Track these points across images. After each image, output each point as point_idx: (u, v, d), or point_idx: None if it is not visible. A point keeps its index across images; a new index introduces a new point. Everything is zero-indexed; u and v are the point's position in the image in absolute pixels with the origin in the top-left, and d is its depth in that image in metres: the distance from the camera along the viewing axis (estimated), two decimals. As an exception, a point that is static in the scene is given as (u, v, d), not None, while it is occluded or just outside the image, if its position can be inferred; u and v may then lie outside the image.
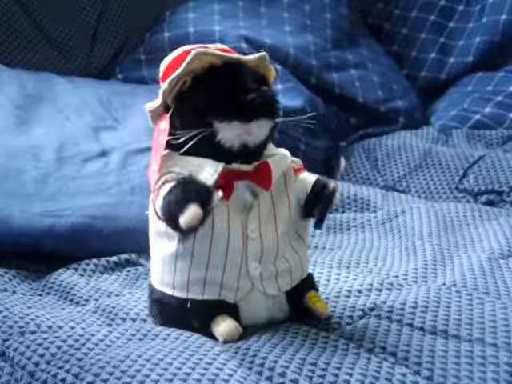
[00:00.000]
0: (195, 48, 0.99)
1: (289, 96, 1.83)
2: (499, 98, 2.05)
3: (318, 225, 1.02)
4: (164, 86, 0.99)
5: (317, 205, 1.01)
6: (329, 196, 1.01)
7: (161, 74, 1.03)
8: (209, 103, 0.96)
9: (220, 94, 0.96)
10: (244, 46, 1.94)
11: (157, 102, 1.01)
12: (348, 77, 2.09)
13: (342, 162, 1.04)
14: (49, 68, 1.91)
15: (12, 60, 1.91)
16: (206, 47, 1.00)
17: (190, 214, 0.93)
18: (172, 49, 1.04)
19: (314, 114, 1.02)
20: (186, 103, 0.99)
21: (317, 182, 1.02)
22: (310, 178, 1.04)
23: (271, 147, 1.03)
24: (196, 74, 0.98)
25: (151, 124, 1.03)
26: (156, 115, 1.02)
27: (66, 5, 2.04)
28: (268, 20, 2.10)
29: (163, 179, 0.98)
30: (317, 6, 2.18)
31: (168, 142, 0.98)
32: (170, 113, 0.99)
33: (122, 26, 2.10)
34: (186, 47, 1.02)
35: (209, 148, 0.97)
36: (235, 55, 1.00)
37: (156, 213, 0.99)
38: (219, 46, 1.02)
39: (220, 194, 0.96)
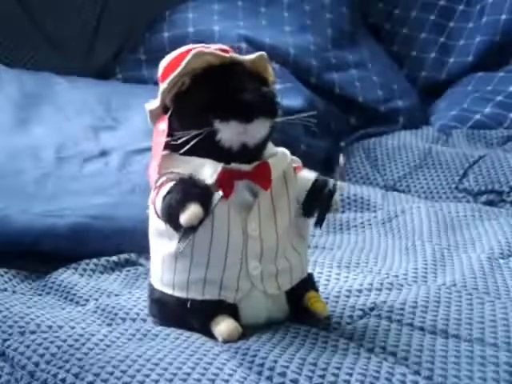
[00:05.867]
0: (194, 48, 0.99)
1: (289, 96, 1.82)
2: (499, 98, 2.05)
3: (317, 224, 1.02)
4: (163, 86, 0.99)
5: (315, 204, 1.01)
6: (328, 196, 1.01)
7: (159, 74, 1.02)
8: (207, 103, 0.96)
9: (218, 93, 0.96)
10: (244, 45, 1.94)
11: (156, 103, 1.01)
12: (348, 77, 2.08)
13: (341, 159, 1.03)
14: (49, 68, 1.91)
15: (12, 60, 1.91)
16: (206, 47, 1.00)
17: (190, 212, 0.93)
18: (172, 49, 1.04)
19: (314, 112, 1.02)
20: (184, 104, 0.98)
21: (316, 181, 1.02)
22: (309, 176, 1.03)
23: (271, 147, 1.03)
24: (195, 74, 0.98)
25: (150, 124, 1.03)
26: (155, 115, 1.02)
27: (65, 4, 2.04)
28: (268, 20, 2.10)
29: (162, 179, 0.98)
30: (317, 5, 2.18)
31: (167, 142, 0.98)
32: (168, 114, 0.99)
33: (122, 25, 2.10)
34: (185, 47, 1.02)
35: (208, 148, 0.97)
36: (233, 55, 1.00)
37: (156, 212, 0.99)
38: (220, 46, 1.02)
39: (220, 193, 0.96)
